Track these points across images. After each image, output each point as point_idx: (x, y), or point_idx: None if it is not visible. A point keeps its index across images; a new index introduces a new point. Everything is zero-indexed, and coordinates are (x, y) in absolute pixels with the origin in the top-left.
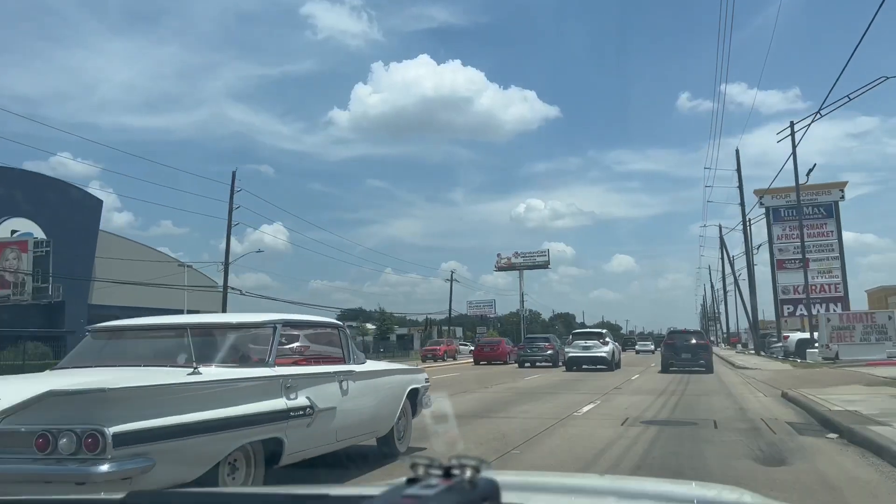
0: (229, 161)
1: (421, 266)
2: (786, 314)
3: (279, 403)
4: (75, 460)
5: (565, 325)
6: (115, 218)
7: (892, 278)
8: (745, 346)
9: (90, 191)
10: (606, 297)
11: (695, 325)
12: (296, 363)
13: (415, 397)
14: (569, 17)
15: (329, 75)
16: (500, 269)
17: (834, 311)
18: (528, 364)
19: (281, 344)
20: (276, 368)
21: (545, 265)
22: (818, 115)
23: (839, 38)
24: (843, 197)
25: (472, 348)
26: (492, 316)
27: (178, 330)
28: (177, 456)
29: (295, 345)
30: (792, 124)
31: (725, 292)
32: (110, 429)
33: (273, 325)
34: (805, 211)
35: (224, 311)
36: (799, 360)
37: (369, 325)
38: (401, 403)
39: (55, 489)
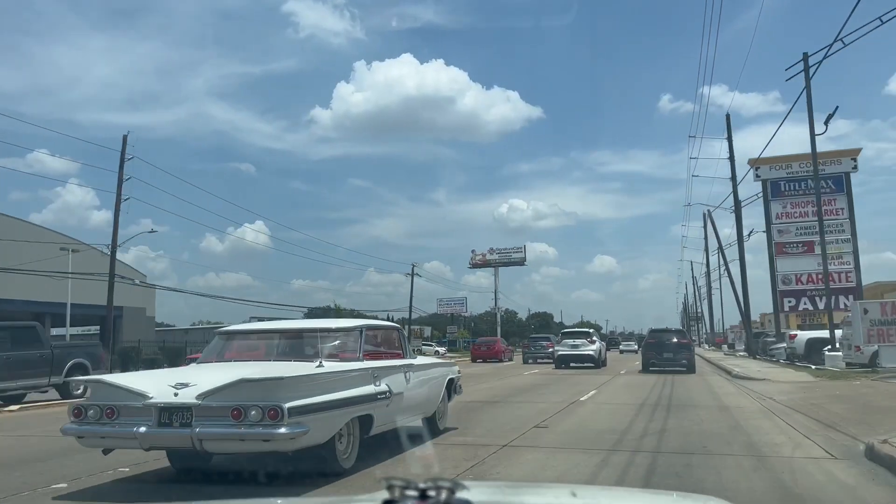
0: (211, 159)
1: (405, 266)
2: (786, 308)
3: (370, 389)
4: (262, 425)
5: (543, 324)
6: (94, 216)
7: (870, 276)
8: (731, 346)
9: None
10: (588, 298)
11: (675, 324)
12: (375, 357)
13: (451, 386)
14: (552, 18)
15: (311, 74)
16: (474, 265)
17: (855, 303)
18: (530, 360)
19: (365, 343)
20: (365, 362)
21: (521, 262)
22: (832, 48)
23: (818, 41)
24: (855, 167)
25: (440, 349)
26: (464, 314)
27: (290, 332)
28: (319, 425)
29: (371, 344)
30: (805, 56)
31: (709, 286)
32: (286, 405)
33: (360, 328)
34: (810, 185)
35: (110, 300)
36: (815, 367)
37: None
38: (442, 390)
39: (246, 445)
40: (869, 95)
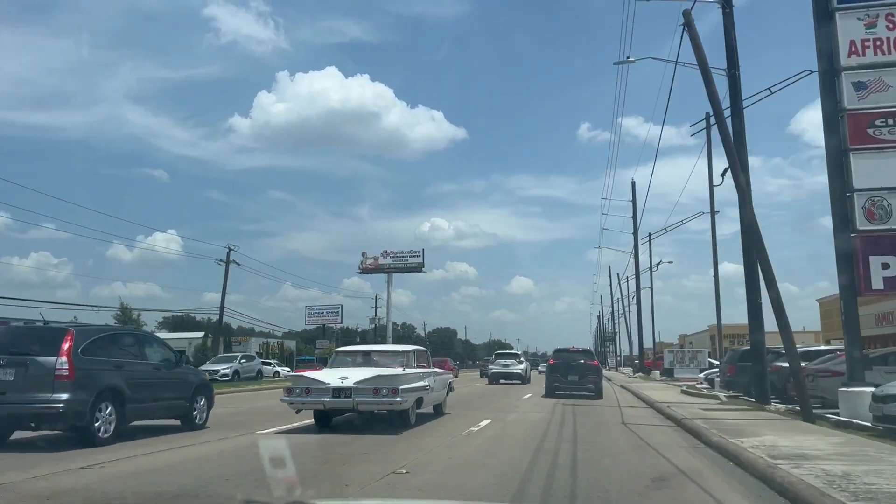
0: (122, 164)
1: (322, 283)
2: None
3: (421, 383)
4: (388, 398)
5: (445, 341)
6: None
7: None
8: (668, 372)
9: None
10: (506, 318)
11: (587, 345)
12: (420, 367)
13: (450, 387)
14: (478, 42)
15: (232, 81)
16: (364, 271)
17: None
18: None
19: (416, 358)
20: (418, 370)
21: (419, 268)
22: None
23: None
24: None
25: (282, 369)
26: (337, 326)
27: (383, 351)
28: (408, 399)
29: (418, 359)
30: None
31: (638, 286)
32: (400, 387)
33: (415, 350)
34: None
35: None
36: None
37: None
38: (446, 388)
39: (380, 407)
40: (773, 134)
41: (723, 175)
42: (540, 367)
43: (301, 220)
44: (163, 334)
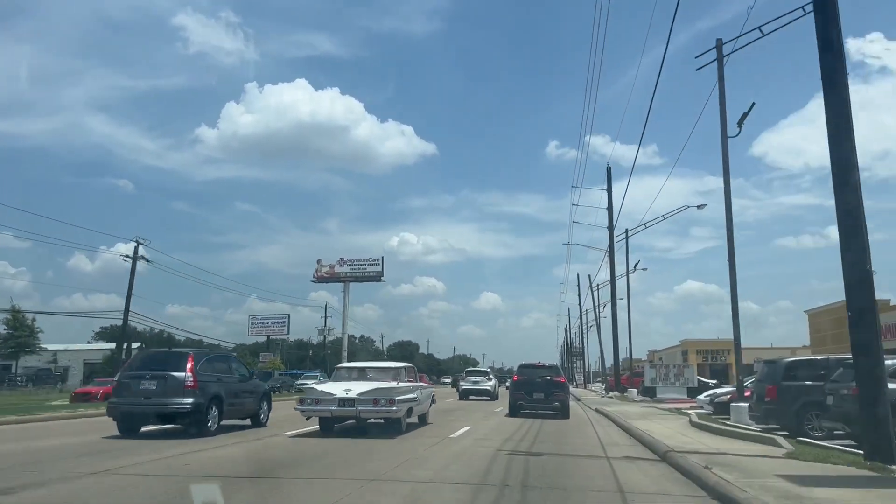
0: (86, 173)
1: (290, 296)
2: None
3: (411, 395)
4: (386, 407)
5: (407, 355)
6: None
7: (728, 327)
8: (650, 392)
9: None
10: (473, 333)
11: (554, 361)
12: (409, 381)
13: (433, 399)
14: (449, 59)
15: (200, 92)
16: (319, 279)
17: None
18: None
19: (406, 373)
20: (408, 383)
21: (378, 277)
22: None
23: (692, 103)
24: None
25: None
26: (282, 338)
27: (378, 367)
28: (403, 409)
29: (407, 374)
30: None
31: (614, 293)
32: (396, 398)
33: (405, 367)
34: None
35: None
36: None
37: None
38: (430, 400)
39: (379, 415)
40: (736, 155)
41: (739, 124)
42: (507, 383)
43: (269, 233)
44: (99, 345)
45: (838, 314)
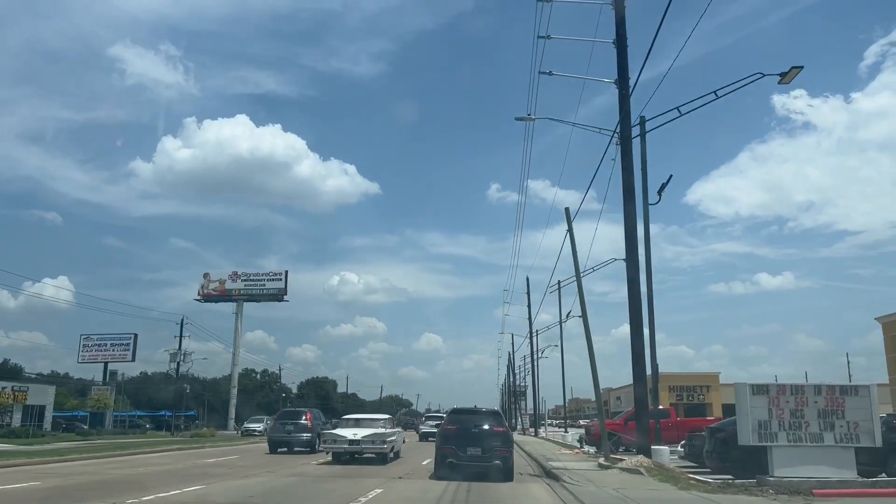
0: (12, 205)
1: (223, 336)
2: None
3: (393, 438)
4: (380, 446)
5: (322, 394)
6: None
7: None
8: (629, 449)
9: None
10: (415, 375)
11: (494, 405)
12: (391, 427)
13: (402, 440)
14: (393, 100)
15: (136, 125)
16: (206, 296)
17: None
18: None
19: (389, 422)
20: (392, 429)
21: (280, 296)
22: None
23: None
24: None
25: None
26: (123, 364)
27: (372, 419)
28: (389, 447)
29: (390, 422)
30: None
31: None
32: (388, 440)
33: (390, 417)
34: None
35: None
36: None
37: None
38: (402, 440)
39: (375, 451)
40: (671, 203)
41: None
42: (419, 429)
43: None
44: None
45: None
